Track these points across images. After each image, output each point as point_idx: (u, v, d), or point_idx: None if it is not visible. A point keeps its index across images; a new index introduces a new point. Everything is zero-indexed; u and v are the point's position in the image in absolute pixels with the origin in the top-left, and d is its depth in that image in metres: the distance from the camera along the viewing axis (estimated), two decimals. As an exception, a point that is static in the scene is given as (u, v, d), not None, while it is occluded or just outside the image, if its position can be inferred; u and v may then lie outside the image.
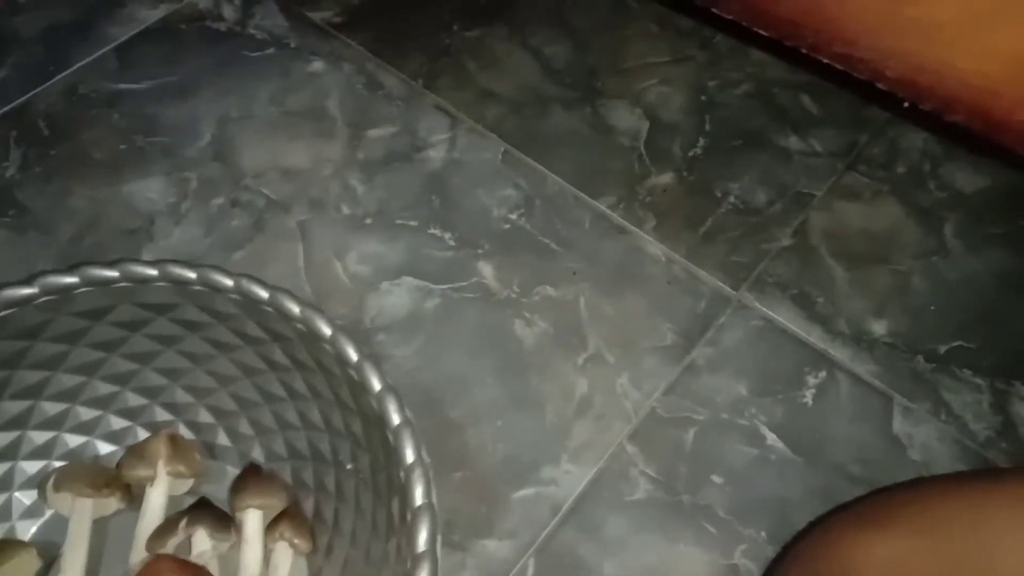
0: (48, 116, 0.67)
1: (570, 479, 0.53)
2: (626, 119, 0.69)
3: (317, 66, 0.71)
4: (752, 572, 0.50)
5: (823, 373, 0.57)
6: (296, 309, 0.41)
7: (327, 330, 0.41)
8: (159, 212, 0.63)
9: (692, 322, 0.59)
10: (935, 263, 0.62)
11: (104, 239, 0.61)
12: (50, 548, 0.47)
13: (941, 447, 0.55)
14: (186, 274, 0.43)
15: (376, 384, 0.40)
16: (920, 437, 0.55)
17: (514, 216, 0.64)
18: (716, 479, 0.53)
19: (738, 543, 0.51)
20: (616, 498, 0.52)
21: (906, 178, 0.66)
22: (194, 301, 0.44)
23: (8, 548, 0.45)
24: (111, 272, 0.43)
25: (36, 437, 0.48)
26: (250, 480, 0.47)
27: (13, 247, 0.60)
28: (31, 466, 0.48)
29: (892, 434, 0.55)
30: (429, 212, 0.64)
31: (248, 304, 0.43)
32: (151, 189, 0.64)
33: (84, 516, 0.46)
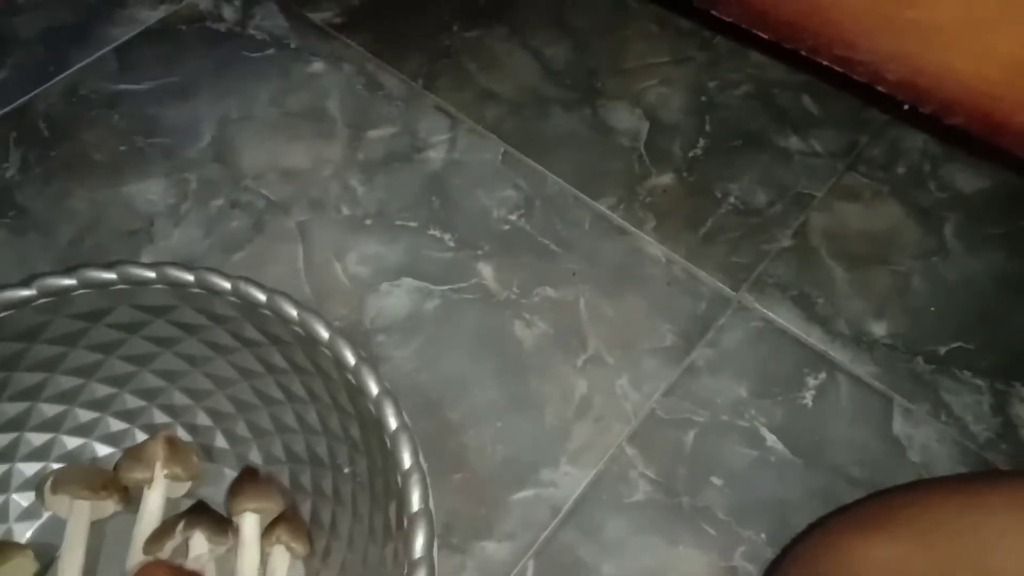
0: (48, 117, 0.67)
1: (569, 481, 0.53)
2: (626, 120, 0.69)
3: (317, 67, 0.71)
4: (751, 574, 0.50)
5: (823, 374, 0.57)
6: (294, 312, 0.41)
7: (325, 333, 0.41)
8: (159, 213, 0.63)
9: (692, 323, 0.59)
10: (935, 264, 0.62)
11: (104, 240, 0.61)
12: (47, 550, 0.47)
13: (941, 448, 0.54)
14: (184, 276, 0.43)
15: (374, 388, 0.40)
16: (920, 438, 0.55)
17: (514, 217, 0.64)
18: (716, 481, 0.53)
19: (738, 545, 0.51)
20: (616, 500, 0.52)
21: (906, 179, 0.66)
22: (192, 304, 0.44)
23: (5, 550, 0.45)
24: (109, 274, 0.43)
25: (34, 439, 0.48)
26: (247, 483, 0.47)
27: (13, 248, 0.60)
28: (29, 468, 0.48)
29: (892, 435, 0.55)
30: (429, 213, 0.64)
31: (246, 307, 0.43)
32: (151, 190, 0.64)
33: (81, 518, 0.46)
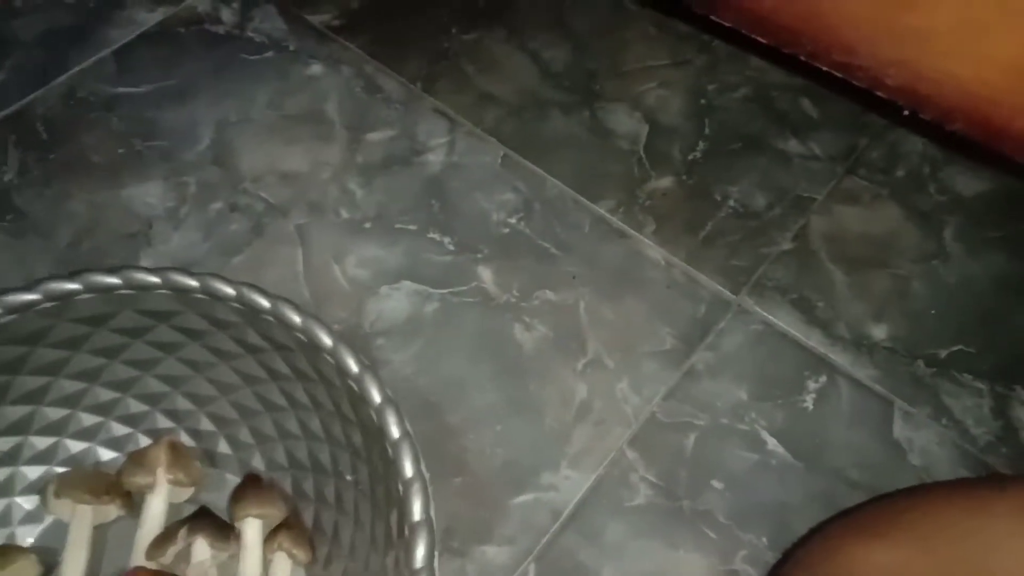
0: (47, 120, 0.67)
1: (570, 484, 0.53)
2: (625, 123, 0.69)
3: (316, 69, 0.71)
4: (752, 577, 0.50)
5: (823, 378, 0.57)
6: (297, 319, 0.41)
7: (328, 341, 0.41)
8: (158, 216, 0.63)
9: (692, 326, 0.59)
10: (935, 267, 0.62)
11: (103, 243, 0.61)
12: (50, 554, 0.47)
13: (941, 452, 0.55)
14: (188, 282, 0.43)
15: (376, 396, 0.40)
16: (920, 442, 0.55)
17: (513, 220, 0.64)
18: (716, 484, 0.53)
19: (738, 549, 0.51)
20: (616, 504, 0.53)
21: (906, 182, 0.66)
22: (195, 309, 0.44)
23: (8, 553, 0.45)
24: (113, 279, 0.43)
25: (37, 442, 0.48)
26: (250, 490, 0.47)
27: (12, 251, 0.60)
28: (32, 471, 0.48)
29: (892, 439, 0.55)
30: (428, 216, 0.64)
31: (249, 313, 0.43)
32: (150, 193, 0.64)
33: (84, 523, 0.46)
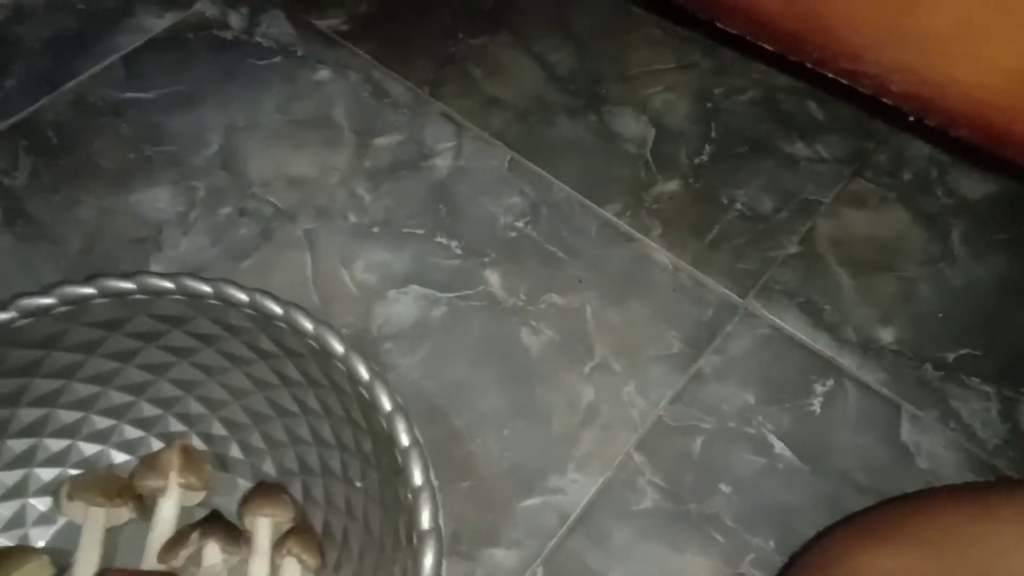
0: (56, 126, 0.67)
1: (577, 488, 0.53)
2: (631, 126, 0.69)
3: (323, 74, 0.71)
4: (759, 581, 0.51)
5: (830, 381, 0.57)
6: (309, 326, 0.42)
7: (339, 348, 0.41)
8: (167, 221, 0.63)
9: (699, 330, 0.59)
10: (942, 270, 0.62)
11: (112, 248, 0.61)
12: (63, 556, 0.47)
13: (949, 455, 0.55)
14: (201, 288, 0.43)
15: (386, 404, 0.40)
16: (928, 445, 0.55)
17: (520, 224, 0.64)
18: (723, 488, 0.53)
19: (746, 552, 0.51)
20: (623, 507, 0.53)
21: (912, 185, 0.66)
22: (208, 314, 0.45)
23: (22, 555, 0.46)
24: (127, 284, 0.43)
25: (52, 445, 0.49)
26: (260, 495, 0.47)
27: (22, 256, 0.61)
28: (46, 473, 0.49)
29: (900, 442, 0.55)
30: (435, 220, 0.64)
31: (262, 319, 0.43)
32: (159, 198, 0.64)
33: (96, 525, 0.47)
